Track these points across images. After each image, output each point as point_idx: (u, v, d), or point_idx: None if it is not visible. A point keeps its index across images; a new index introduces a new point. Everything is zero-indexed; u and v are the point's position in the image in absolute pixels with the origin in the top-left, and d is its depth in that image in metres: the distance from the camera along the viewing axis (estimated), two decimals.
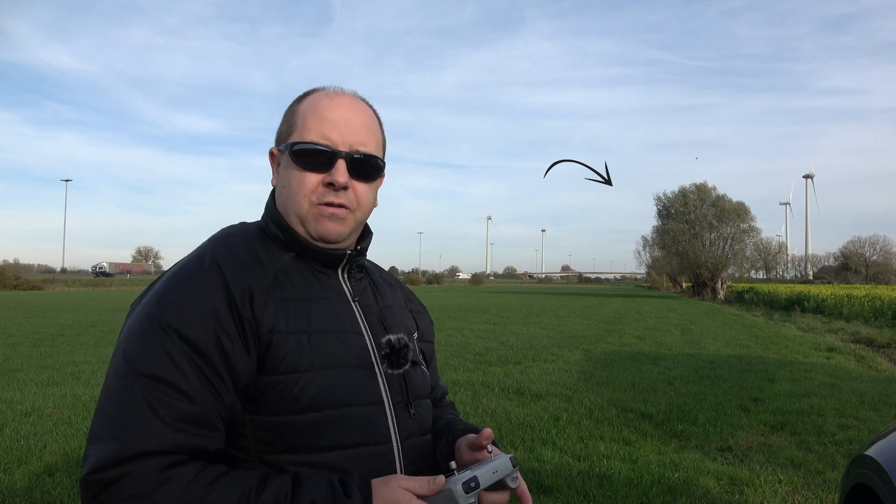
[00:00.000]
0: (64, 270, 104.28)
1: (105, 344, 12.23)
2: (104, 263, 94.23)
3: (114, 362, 1.02)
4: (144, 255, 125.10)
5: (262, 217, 1.23)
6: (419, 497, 0.98)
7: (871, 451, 2.12)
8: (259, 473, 1.00)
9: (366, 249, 1.28)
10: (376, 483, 1.01)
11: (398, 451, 1.14)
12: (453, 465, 1.06)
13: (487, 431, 1.12)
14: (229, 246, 1.13)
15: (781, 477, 4.57)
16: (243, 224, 1.24)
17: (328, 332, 1.12)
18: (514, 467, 1.10)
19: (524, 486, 1.13)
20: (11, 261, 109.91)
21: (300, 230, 1.16)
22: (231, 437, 1.05)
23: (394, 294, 1.36)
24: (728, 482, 4.49)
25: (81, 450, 4.99)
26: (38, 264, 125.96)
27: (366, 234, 1.28)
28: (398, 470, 1.13)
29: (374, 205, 1.24)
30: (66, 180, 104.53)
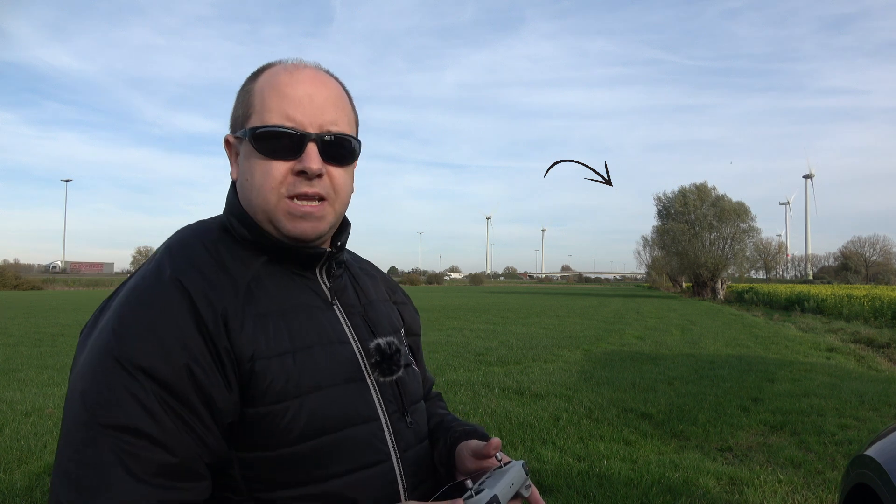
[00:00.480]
0: (64, 270, 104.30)
1: None
2: (58, 262, 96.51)
3: (70, 407, 0.86)
4: (144, 255, 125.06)
5: (224, 213, 1.06)
6: None
7: (871, 451, 2.12)
8: None
9: (345, 244, 1.13)
10: None
11: (398, 466, 1.04)
12: (469, 483, 0.98)
13: (496, 441, 1.03)
14: (190, 256, 0.96)
15: (781, 477, 4.57)
16: (201, 223, 1.06)
17: (312, 347, 0.98)
18: (526, 475, 1.04)
19: (536, 493, 1.05)
20: (11, 261, 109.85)
21: (270, 229, 1.01)
22: (217, 479, 0.92)
23: (375, 286, 1.22)
24: (728, 482, 4.49)
25: None
26: (38, 264, 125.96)
27: (344, 227, 1.13)
28: (400, 487, 1.03)
29: (352, 191, 1.08)
30: (66, 180, 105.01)
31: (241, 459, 0.92)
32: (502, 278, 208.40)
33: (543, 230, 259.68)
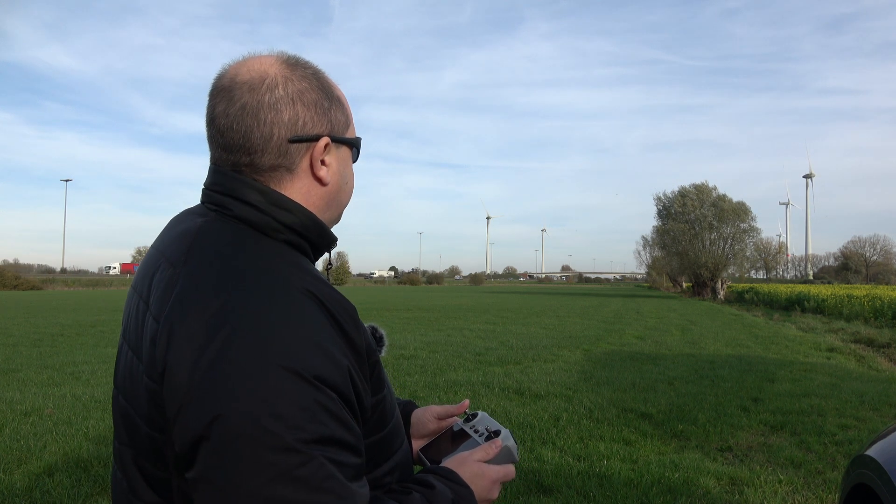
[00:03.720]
0: (64, 270, 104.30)
1: (105, 344, 12.22)
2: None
3: (249, 436, 0.75)
4: (144, 255, 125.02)
5: (288, 220, 0.96)
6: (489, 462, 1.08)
7: (871, 451, 2.12)
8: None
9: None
10: (453, 464, 1.06)
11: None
12: (475, 427, 1.19)
13: (466, 402, 1.29)
14: (300, 266, 0.92)
15: (781, 477, 4.57)
16: (233, 227, 0.96)
17: None
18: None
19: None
20: (11, 261, 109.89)
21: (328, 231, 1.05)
22: None
23: None
24: (728, 482, 4.49)
25: (81, 450, 5.00)
26: (38, 264, 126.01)
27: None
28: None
29: None
30: (66, 180, 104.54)
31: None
32: (511, 278, 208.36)
33: (543, 230, 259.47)
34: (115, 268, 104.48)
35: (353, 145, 1.04)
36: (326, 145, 0.98)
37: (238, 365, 0.78)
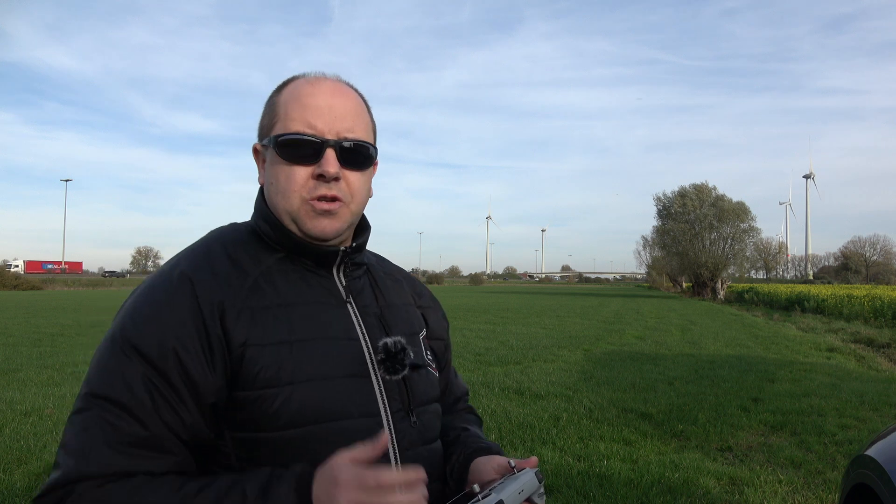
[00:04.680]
0: (64, 270, 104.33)
1: None
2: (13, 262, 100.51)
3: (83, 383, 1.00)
4: (144, 255, 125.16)
5: (252, 217, 1.15)
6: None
7: (871, 452, 2.12)
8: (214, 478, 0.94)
9: (363, 245, 1.19)
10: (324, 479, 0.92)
11: (396, 462, 1.06)
12: (476, 487, 0.98)
13: (534, 459, 1.08)
14: (207, 255, 1.08)
15: (781, 477, 4.57)
16: (234, 225, 1.17)
17: (313, 340, 1.04)
18: (539, 483, 1.02)
19: None
20: (11, 261, 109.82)
21: (293, 228, 1.09)
22: (212, 454, 1.00)
23: (399, 290, 1.26)
24: (728, 482, 4.49)
25: None
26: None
27: (363, 229, 1.20)
28: None
29: (370, 195, 1.17)
30: (66, 180, 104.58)
31: (234, 438, 0.99)
32: (505, 278, 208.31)
33: (543, 230, 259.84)
34: (17, 265, 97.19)
35: (275, 145, 1.08)
36: (254, 151, 1.16)
37: (106, 333, 1.02)
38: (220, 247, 1.10)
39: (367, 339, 1.10)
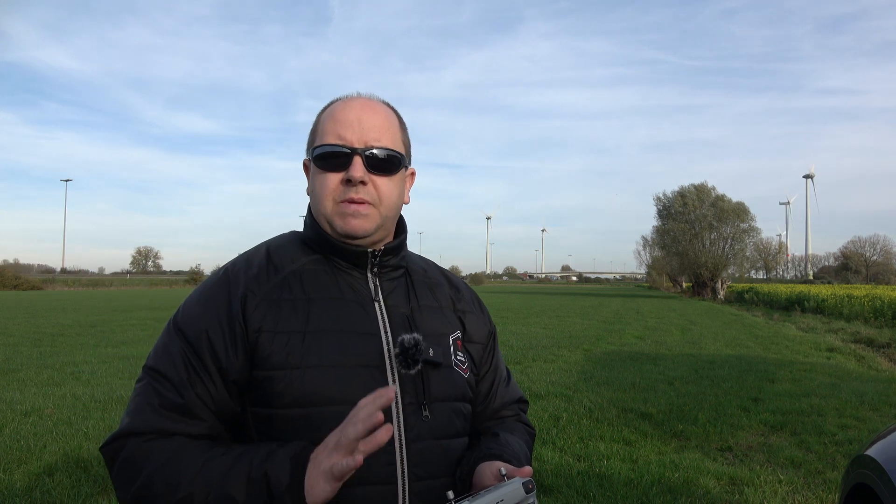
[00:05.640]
0: (64, 270, 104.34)
1: (105, 344, 12.23)
2: None
3: None
4: (144, 255, 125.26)
5: (304, 224, 1.31)
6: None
7: (871, 451, 2.12)
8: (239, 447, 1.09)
9: (396, 248, 1.27)
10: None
11: (401, 451, 1.11)
12: (451, 494, 0.96)
13: (527, 469, 1.07)
14: (251, 255, 1.26)
15: (781, 477, 4.57)
16: (290, 232, 1.33)
17: (328, 332, 1.15)
18: (526, 493, 0.98)
19: None
20: (11, 261, 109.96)
21: (328, 230, 1.22)
22: (236, 427, 1.15)
23: (437, 294, 1.33)
24: (728, 482, 4.49)
25: (81, 450, 5.02)
26: (38, 264, 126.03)
27: (400, 232, 1.30)
28: (399, 472, 1.11)
29: (405, 201, 1.29)
30: (66, 180, 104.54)
31: (252, 413, 1.14)
32: (504, 278, 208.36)
33: (543, 230, 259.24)
34: None
35: (313, 157, 1.23)
36: (304, 166, 1.30)
37: None
38: (265, 248, 1.27)
39: (390, 336, 1.19)
